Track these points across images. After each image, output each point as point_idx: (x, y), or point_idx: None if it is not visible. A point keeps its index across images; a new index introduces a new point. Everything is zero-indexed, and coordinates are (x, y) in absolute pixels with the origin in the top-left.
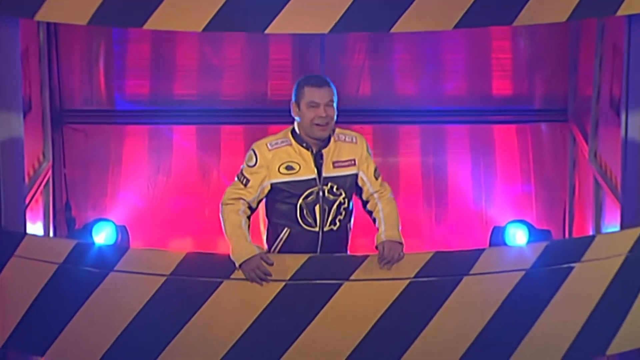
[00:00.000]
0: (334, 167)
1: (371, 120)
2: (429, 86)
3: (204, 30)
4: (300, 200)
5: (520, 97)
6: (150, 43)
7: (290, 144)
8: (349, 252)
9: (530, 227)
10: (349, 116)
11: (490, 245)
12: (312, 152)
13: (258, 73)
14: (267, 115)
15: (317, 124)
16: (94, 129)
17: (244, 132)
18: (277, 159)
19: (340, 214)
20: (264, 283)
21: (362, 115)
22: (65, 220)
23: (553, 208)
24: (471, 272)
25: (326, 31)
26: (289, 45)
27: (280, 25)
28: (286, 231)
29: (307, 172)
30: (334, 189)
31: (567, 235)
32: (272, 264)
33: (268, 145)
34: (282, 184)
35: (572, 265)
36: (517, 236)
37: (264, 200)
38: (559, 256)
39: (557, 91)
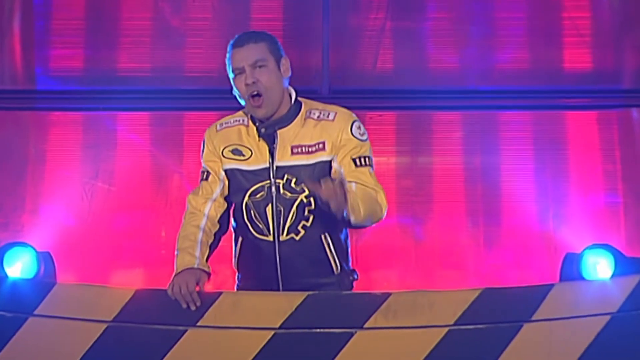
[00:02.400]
0: (293, 153)
1: (394, 105)
2: (475, 57)
3: None
4: (247, 198)
5: (603, 73)
6: None
7: (246, 125)
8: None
9: (616, 255)
10: (362, 99)
11: (561, 279)
12: (259, 132)
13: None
14: None
15: (251, 97)
16: (6, 117)
17: (216, 121)
18: (223, 140)
19: (305, 219)
20: (248, 332)
21: (382, 97)
22: None
23: None
24: (534, 317)
25: None
26: (279, 1)
27: None
28: (240, 240)
29: (258, 160)
30: (292, 184)
31: None
32: (199, 288)
33: (217, 125)
34: (228, 172)
35: None
36: (599, 267)
37: None
38: None
39: None
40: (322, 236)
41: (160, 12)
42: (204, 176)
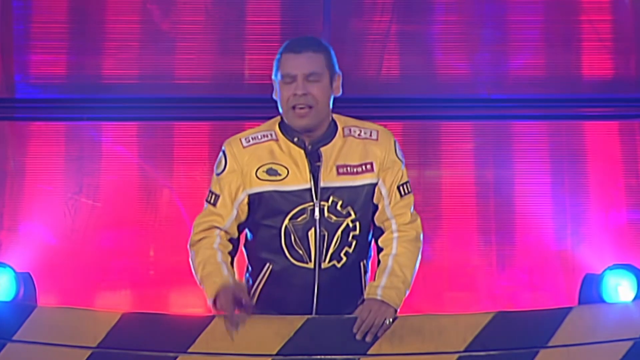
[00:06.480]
0: (339, 173)
1: (400, 115)
2: (487, 63)
3: None
4: (287, 221)
5: (625, 80)
6: None
7: (276, 139)
8: None
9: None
10: (366, 108)
11: (579, 302)
12: (305, 150)
13: (230, 45)
14: (242, 107)
15: (294, 107)
16: None
17: (209, 132)
18: (255, 159)
19: (349, 244)
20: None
21: (387, 106)
22: None
23: None
24: (551, 342)
25: None
26: (276, 3)
27: None
28: (268, 267)
29: (298, 179)
30: (338, 206)
31: None
32: (247, 302)
33: (242, 140)
34: (261, 195)
35: None
36: (621, 289)
37: None
38: None
39: None
40: (362, 263)
41: (149, 14)
42: (213, 200)
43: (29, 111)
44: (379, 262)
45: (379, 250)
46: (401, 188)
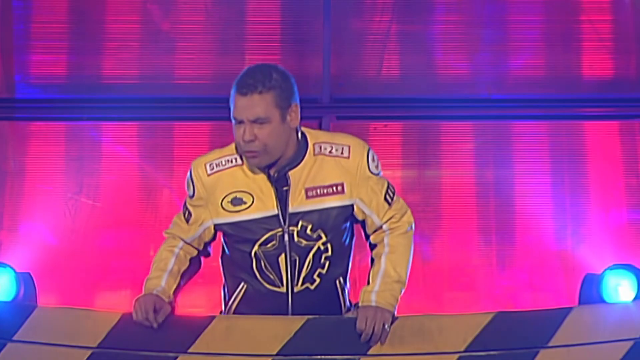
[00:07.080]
0: (308, 196)
1: (400, 115)
2: (487, 63)
3: None
4: (256, 247)
5: (625, 80)
6: None
7: (241, 164)
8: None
9: None
10: (366, 108)
11: (579, 302)
12: (269, 175)
13: (230, 45)
14: None
15: (245, 151)
16: None
17: (210, 132)
18: (219, 189)
19: (322, 266)
20: None
21: (387, 106)
22: None
23: None
24: (551, 342)
25: None
26: (276, 3)
27: None
28: (242, 287)
29: (265, 206)
30: (308, 230)
31: None
32: (165, 310)
33: (207, 167)
34: (228, 225)
35: None
36: (621, 289)
37: None
38: None
39: None
40: (337, 281)
41: (149, 14)
42: (186, 214)
43: (29, 111)
44: (372, 259)
45: (372, 246)
46: (387, 197)
